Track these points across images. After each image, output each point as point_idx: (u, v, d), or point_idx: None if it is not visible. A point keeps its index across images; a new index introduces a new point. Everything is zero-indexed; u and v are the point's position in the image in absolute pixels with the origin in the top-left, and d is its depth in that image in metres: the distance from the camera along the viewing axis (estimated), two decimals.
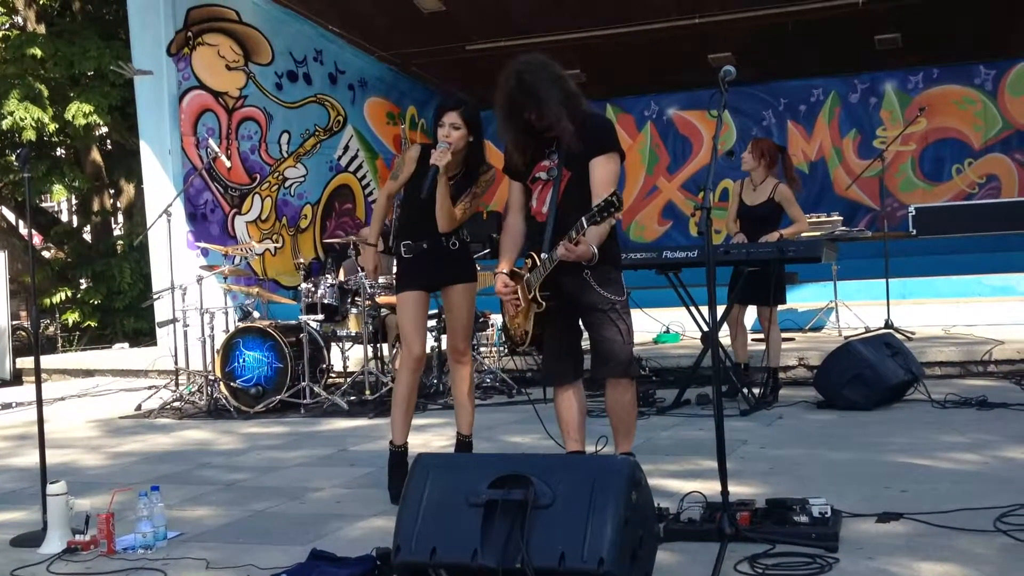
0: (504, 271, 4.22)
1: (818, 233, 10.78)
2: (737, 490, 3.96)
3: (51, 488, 3.91)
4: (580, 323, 4.26)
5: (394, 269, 8.12)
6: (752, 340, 7.92)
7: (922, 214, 13.02)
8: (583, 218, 3.78)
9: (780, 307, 7.06)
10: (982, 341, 8.22)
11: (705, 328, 6.70)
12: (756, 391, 6.84)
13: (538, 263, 4.06)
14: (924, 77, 14.90)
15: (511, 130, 4.16)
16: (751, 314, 7.57)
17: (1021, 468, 4.51)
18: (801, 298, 10.20)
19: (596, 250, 3.91)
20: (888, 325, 9.06)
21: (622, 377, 4.15)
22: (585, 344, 4.27)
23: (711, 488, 3.78)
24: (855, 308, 9.81)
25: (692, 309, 6.82)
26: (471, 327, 4.86)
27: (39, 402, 4.23)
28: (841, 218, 11.83)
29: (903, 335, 8.48)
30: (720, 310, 6.41)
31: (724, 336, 7.26)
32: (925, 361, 7.44)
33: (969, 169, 14.71)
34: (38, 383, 4.28)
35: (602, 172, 4.01)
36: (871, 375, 6.40)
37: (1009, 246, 11.77)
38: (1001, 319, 9.48)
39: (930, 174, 14.87)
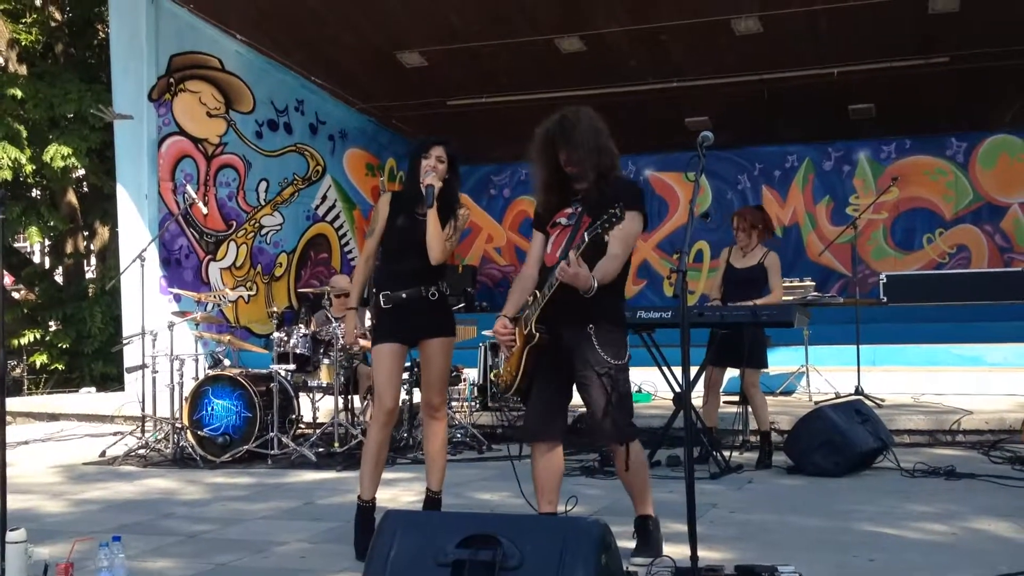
0: (507, 315, 4.20)
1: (791, 298, 10.88)
2: (706, 555, 3.94)
3: (10, 535, 3.83)
4: (570, 387, 4.23)
5: (366, 319, 8.13)
6: (723, 403, 7.94)
7: (893, 282, 13.16)
8: (585, 232, 3.84)
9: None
10: (951, 410, 8.27)
11: (678, 389, 6.70)
12: (727, 454, 6.85)
13: (537, 298, 4.07)
14: (897, 147, 15.14)
15: (543, 168, 4.24)
16: (724, 381, 7.61)
17: (989, 540, 4.52)
18: (773, 362, 10.14)
19: (596, 283, 3.91)
20: (858, 391, 9.11)
21: (613, 442, 4.15)
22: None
23: (680, 552, 3.76)
24: (826, 373, 9.87)
25: (665, 370, 6.83)
26: (447, 382, 4.84)
27: (1, 445, 4.15)
28: (814, 283, 11.97)
29: (873, 402, 8.52)
30: (693, 371, 6.43)
31: (696, 398, 7.28)
32: (894, 429, 7.48)
33: (940, 239, 14.91)
34: (1, 426, 4.20)
35: (622, 227, 3.91)
36: (841, 441, 6.42)
37: (978, 316, 11.89)
38: (970, 388, 9.56)
39: (901, 243, 15.06)
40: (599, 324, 4.05)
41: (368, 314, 7.98)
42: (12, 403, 11.87)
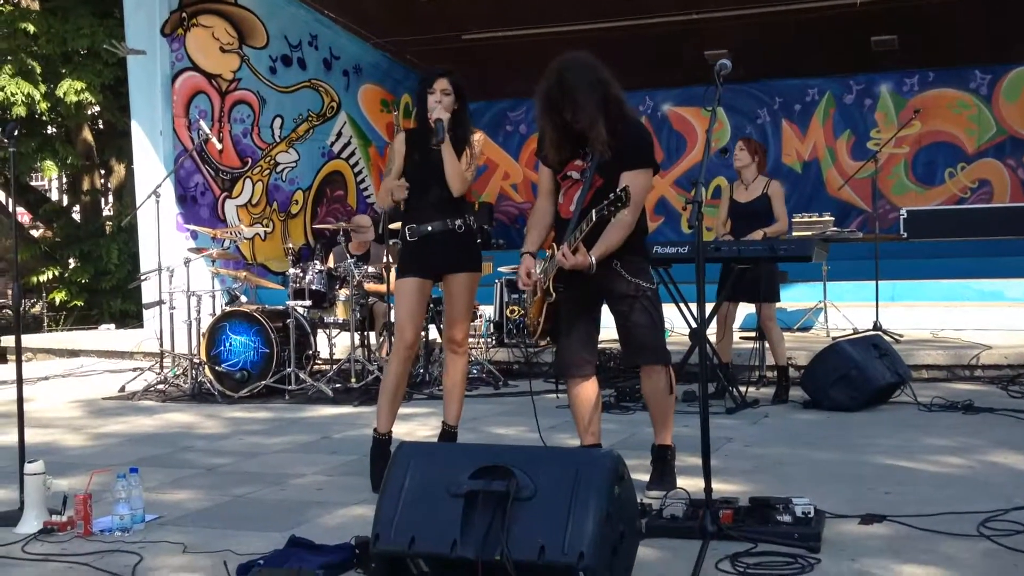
0: (530, 251, 4.20)
1: (809, 233, 10.79)
2: (720, 488, 3.94)
3: (29, 467, 3.87)
4: (598, 317, 4.26)
5: (383, 258, 8.12)
6: (739, 339, 7.92)
7: (914, 217, 13.02)
8: (593, 210, 3.81)
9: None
10: (970, 345, 8.23)
11: (694, 325, 6.68)
12: (743, 389, 6.84)
13: (554, 256, 4.05)
14: (919, 80, 14.88)
15: (549, 125, 4.16)
16: (740, 316, 7.58)
17: (1005, 473, 4.51)
18: (790, 298, 10.18)
19: (594, 260, 3.92)
20: (876, 327, 9.05)
21: (656, 363, 4.17)
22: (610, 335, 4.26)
23: (695, 485, 3.76)
24: (844, 309, 9.81)
25: (681, 306, 6.80)
26: (469, 318, 4.83)
27: (19, 380, 4.18)
28: (833, 218, 11.84)
29: (891, 337, 8.48)
30: (709, 308, 6.39)
31: (710, 334, 7.25)
32: (912, 364, 7.45)
33: (962, 173, 14.71)
34: (18, 360, 4.23)
35: (630, 185, 3.89)
36: (858, 376, 6.39)
37: (999, 251, 11.77)
38: (989, 324, 9.49)
39: (922, 177, 14.87)
40: (624, 258, 4.08)
41: (385, 251, 7.98)
42: (32, 340, 11.99)
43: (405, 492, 3.01)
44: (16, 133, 4.20)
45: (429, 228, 4.61)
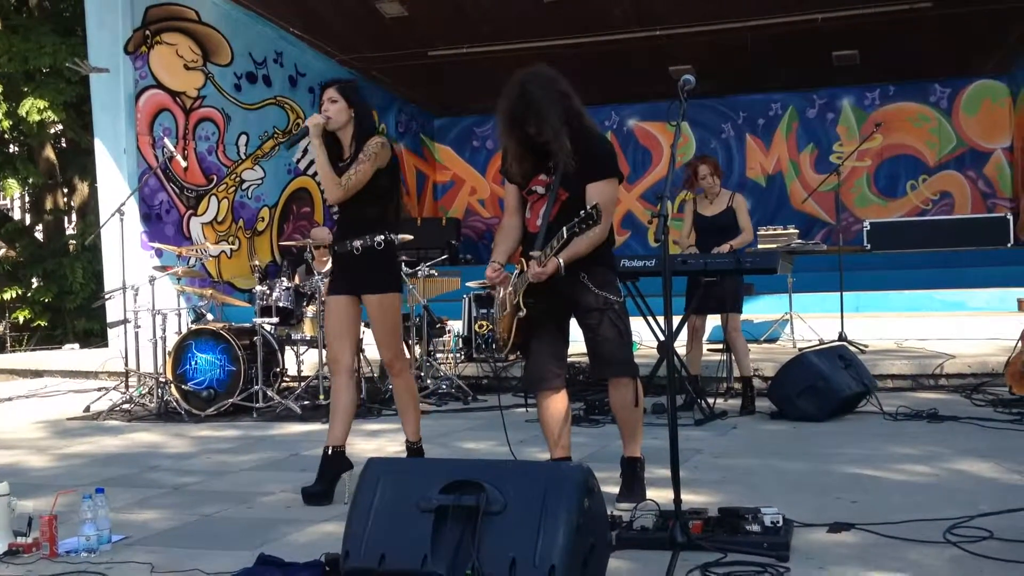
0: (497, 260, 4.20)
1: (774, 245, 10.88)
2: (690, 499, 3.96)
3: None
4: (567, 330, 4.27)
5: None
6: (707, 351, 7.96)
7: (877, 229, 13.19)
8: (564, 228, 3.83)
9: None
10: (934, 355, 8.31)
11: (662, 337, 6.71)
12: (711, 401, 6.88)
13: (526, 269, 4.05)
14: (880, 94, 15.11)
15: (511, 140, 4.17)
16: (708, 329, 7.63)
17: (971, 480, 4.56)
18: (757, 310, 10.27)
19: (562, 262, 3.93)
20: (842, 338, 9.13)
21: (623, 376, 4.18)
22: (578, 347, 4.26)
23: (664, 496, 3.78)
24: (810, 320, 9.89)
25: (649, 319, 6.84)
26: (393, 338, 4.76)
27: None
28: (797, 231, 11.97)
29: (856, 348, 8.55)
30: (676, 320, 6.43)
31: (680, 346, 7.29)
32: (877, 374, 7.52)
33: (923, 185, 14.93)
34: None
35: (598, 197, 3.95)
36: (824, 387, 6.44)
37: (961, 262, 11.94)
38: (952, 334, 9.60)
39: (885, 190, 15.07)
40: (591, 270, 4.09)
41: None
42: None
43: (375, 508, 3.00)
44: None
45: (335, 248, 4.66)
